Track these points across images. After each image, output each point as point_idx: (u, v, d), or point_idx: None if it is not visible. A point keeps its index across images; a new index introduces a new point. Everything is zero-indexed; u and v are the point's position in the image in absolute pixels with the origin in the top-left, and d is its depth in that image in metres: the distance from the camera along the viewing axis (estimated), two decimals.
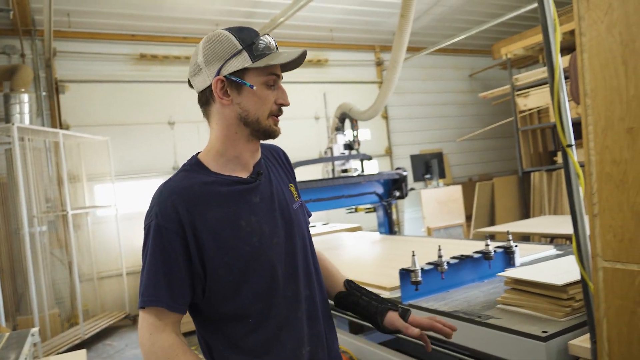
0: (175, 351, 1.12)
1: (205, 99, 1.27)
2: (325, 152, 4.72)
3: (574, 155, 1.36)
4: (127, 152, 6.44)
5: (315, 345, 1.28)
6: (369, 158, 4.58)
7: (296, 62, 1.25)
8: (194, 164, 1.28)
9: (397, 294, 2.11)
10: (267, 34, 1.25)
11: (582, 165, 1.34)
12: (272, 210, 1.27)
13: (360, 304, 1.40)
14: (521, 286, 1.70)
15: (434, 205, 6.64)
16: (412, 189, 5.17)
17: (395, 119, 8.79)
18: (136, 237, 6.41)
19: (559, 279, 1.61)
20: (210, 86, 1.23)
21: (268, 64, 1.20)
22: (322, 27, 7.36)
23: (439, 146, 9.13)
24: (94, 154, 6.12)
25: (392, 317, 1.34)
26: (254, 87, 1.21)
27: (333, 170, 4.52)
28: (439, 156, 7.53)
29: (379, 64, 8.67)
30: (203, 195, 1.20)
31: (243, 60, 1.19)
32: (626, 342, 1.22)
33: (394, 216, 5.70)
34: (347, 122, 4.81)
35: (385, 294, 2.16)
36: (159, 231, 1.16)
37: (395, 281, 2.19)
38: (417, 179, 7.25)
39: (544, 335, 1.43)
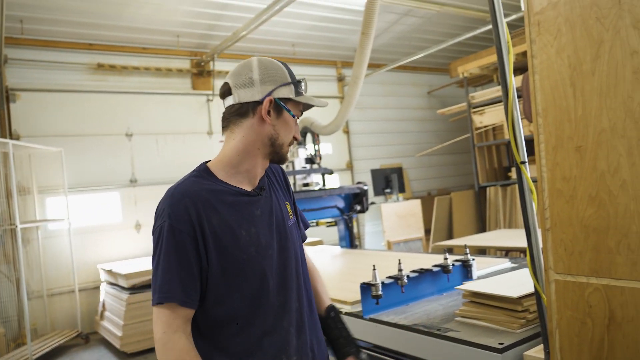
0: (183, 356, 1.19)
1: (244, 110, 1.35)
2: (287, 166, 4.72)
3: (527, 172, 1.41)
4: (82, 164, 6.23)
5: (300, 356, 1.36)
6: (331, 172, 4.61)
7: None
8: (203, 171, 1.36)
9: (358, 308, 2.12)
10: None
11: (535, 181, 1.39)
12: (270, 224, 1.37)
13: (330, 335, 1.52)
14: (478, 299, 1.75)
15: (394, 219, 6.73)
16: (372, 203, 5.23)
17: (356, 134, 8.90)
18: (90, 252, 6.19)
19: (514, 292, 1.66)
20: (255, 101, 1.33)
21: (307, 103, 1.38)
22: (284, 41, 7.41)
23: (399, 161, 9.31)
24: (46, 166, 5.90)
25: None
26: (295, 117, 1.38)
27: (294, 184, 4.52)
28: (398, 171, 7.66)
29: (341, 79, 8.78)
30: (210, 201, 1.28)
31: (289, 92, 1.35)
32: (577, 351, 1.27)
33: (355, 230, 5.74)
34: (309, 136, 4.84)
35: (346, 308, 2.17)
36: (172, 232, 1.23)
37: (356, 295, 2.20)
38: (377, 193, 7.34)
39: (500, 347, 1.47)
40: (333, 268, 3.52)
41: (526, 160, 1.41)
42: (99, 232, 6.29)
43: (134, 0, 5.46)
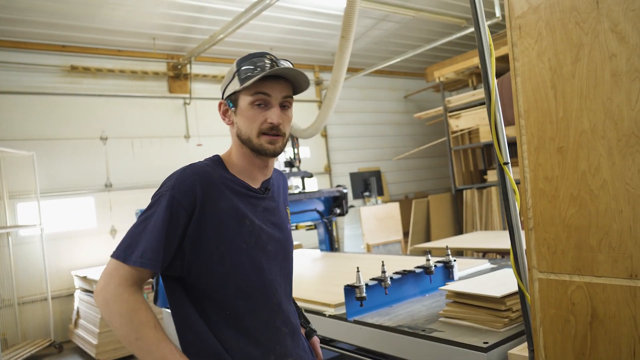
0: (138, 305, 1.16)
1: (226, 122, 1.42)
2: None
3: (510, 172, 1.43)
4: (55, 168, 6.08)
5: (295, 359, 1.37)
6: (310, 175, 4.61)
7: (298, 82, 1.34)
8: (216, 160, 1.37)
9: (341, 311, 2.12)
10: (271, 55, 1.33)
11: (517, 183, 1.41)
12: (272, 223, 1.39)
13: None
14: (462, 299, 1.76)
15: (373, 222, 6.76)
16: (351, 207, 5.25)
17: (334, 138, 8.93)
18: (64, 258, 6.04)
19: (497, 291, 1.68)
20: None
21: (246, 86, 1.28)
22: (262, 45, 7.38)
23: (376, 164, 9.37)
24: (17, 170, 5.72)
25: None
26: (234, 108, 1.34)
27: None
28: (377, 174, 7.72)
29: (318, 83, 8.80)
30: (219, 186, 1.29)
31: (235, 84, 1.32)
32: (561, 348, 1.29)
33: (334, 233, 5.74)
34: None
35: (330, 311, 2.16)
36: (172, 203, 1.22)
37: (339, 298, 2.20)
38: (356, 196, 7.36)
39: (485, 346, 1.48)
40: (314, 271, 3.51)
41: (509, 161, 1.43)
42: (72, 238, 6.14)
43: (108, 1, 5.37)
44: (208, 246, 1.25)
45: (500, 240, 4.54)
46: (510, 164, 1.43)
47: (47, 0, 5.16)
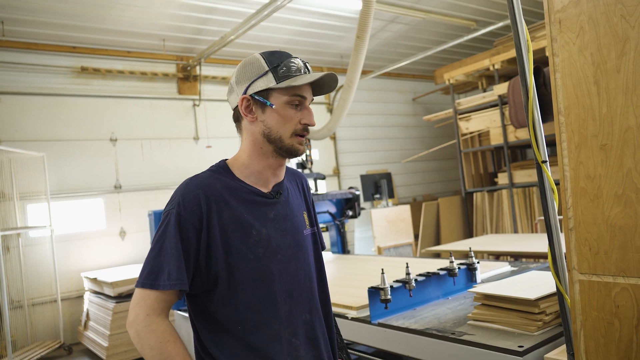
0: (167, 337, 1.18)
1: (236, 115, 1.36)
2: None
3: (549, 171, 1.39)
4: (65, 170, 6.07)
5: None
6: (323, 177, 4.58)
7: (328, 86, 1.34)
8: (221, 167, 1.34)
9: (364, 313, 2.08)
10: (298, 57, 1.31)
11: (558, 183, 1.37)
12: (283, 229, 1.33)
13: None
14: (491, 302, 1.72)
15: (384, 225, 6.72)
16: (362, 209, 5.21)
17: (342, 140, 8.89)
18: (73, 260, 6.02)
19: (528, 294, 1.64)
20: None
21: (289, 85, 1.26)
22: (271, 47, 7.37)
23: (384, 167, 9.32)
24: (27, 171, 5.72)
25: None
26: (274, 106, 1.27)
27: None
28: (387, 176, 7.67)
29: None
30: (224, 196, 1.26)
31: (268, 81, 1.27)
32: (603, 352, 1.25)
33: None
34: None
35: (352, 314, 2.12)
36: (179, 220, 1.22)
37: (361, 300, 2.16)
38: (366, 198, 7.33)
39: (520, 349, 1.44)
40: (330, 274, 3.47)
41: (547, 159, 1.40)
42: (82, 239, 6.12)
43: (119, 2, 5.36)
44: (217, 259, 1.23)
45: (512, 243, 4.49)
46: (548, 162, 1.39)
47: (57, 1, 5.16)
